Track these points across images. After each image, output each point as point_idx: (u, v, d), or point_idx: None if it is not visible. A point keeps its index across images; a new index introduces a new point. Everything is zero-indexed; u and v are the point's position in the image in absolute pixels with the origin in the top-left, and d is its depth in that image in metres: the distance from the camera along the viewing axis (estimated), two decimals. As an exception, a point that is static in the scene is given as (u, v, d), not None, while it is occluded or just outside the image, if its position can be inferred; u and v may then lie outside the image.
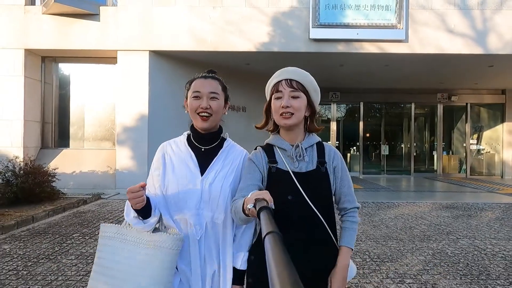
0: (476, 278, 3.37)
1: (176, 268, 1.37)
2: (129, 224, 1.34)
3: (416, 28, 8.37)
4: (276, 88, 1.38)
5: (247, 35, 8.33)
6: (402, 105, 14.41)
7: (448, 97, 13.44)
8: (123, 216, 1.38)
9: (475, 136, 14.15)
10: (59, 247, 4.27)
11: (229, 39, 8.33)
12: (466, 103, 13.70)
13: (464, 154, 13.93)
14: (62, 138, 9.50)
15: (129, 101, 8.52)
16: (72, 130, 9.48)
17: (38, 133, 9.11)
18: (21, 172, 6.88)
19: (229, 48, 8.35)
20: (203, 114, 1.40)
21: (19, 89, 8.48)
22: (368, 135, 14.33)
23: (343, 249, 1.38)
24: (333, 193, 1.42)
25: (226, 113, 1.51)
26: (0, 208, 6.06)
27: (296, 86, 1.36)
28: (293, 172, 1.35)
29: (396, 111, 14.86)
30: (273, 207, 1.02)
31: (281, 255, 0.58)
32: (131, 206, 1.26)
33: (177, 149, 1.46)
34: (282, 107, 1.34)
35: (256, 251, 1.39)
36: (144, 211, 1.29)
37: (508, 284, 3.23)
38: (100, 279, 1.33)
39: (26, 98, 8.57)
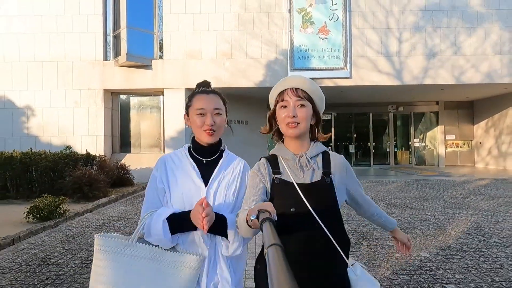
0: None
1: None
2: (141, 241, 1.34)
3: (357, 70, 12.96)
4: (281, 97, 1.35)
5: (248, 76, 12.88)
6: (363, 115, 19.04)
7: (396, 108, 18.11)
8: None
9: (421, 136, 18.82)
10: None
11: (237, 79, 12.87)
12: (411, 112, 18.38)
13: (410, 149, 18.61)
14: (124, 146, 13.99)
15: (173, 121, 13.03)
16: (132, 141, 13.99)
17: (110, 143, 13.59)
18: (114, 167, 11.38)
19: (238, 85, 12.88)
20: (209, 130, 1.43)
21: (101, 115, 12.99)
22: (339, 137, 18.95)
23: (394, 229, 1.63)
24: (339, 201, 1.38)
25: (226, 125, 1.53)
26: (108, 188, 10.53)
27: (302, 95, 1.34)
28: (297, 183, 1.31)
29: (359, 119, 19.44)
30: (276, 219, 1.01)
31: (283, 268, 0.58)
32: (186, 227, 1.32)
33: (178, 162, 1.48)
34: (288, 116, 1.32)
35: (262, 260, 1.33)
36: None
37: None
38: None
39: (104, 121, 13.08)
